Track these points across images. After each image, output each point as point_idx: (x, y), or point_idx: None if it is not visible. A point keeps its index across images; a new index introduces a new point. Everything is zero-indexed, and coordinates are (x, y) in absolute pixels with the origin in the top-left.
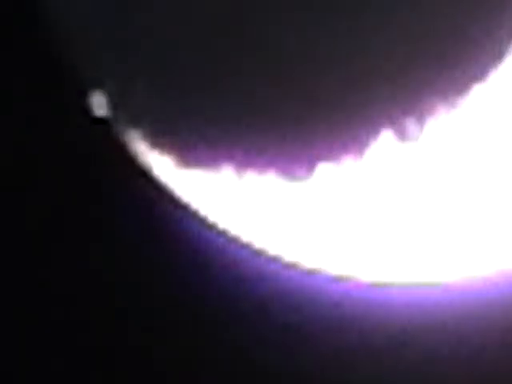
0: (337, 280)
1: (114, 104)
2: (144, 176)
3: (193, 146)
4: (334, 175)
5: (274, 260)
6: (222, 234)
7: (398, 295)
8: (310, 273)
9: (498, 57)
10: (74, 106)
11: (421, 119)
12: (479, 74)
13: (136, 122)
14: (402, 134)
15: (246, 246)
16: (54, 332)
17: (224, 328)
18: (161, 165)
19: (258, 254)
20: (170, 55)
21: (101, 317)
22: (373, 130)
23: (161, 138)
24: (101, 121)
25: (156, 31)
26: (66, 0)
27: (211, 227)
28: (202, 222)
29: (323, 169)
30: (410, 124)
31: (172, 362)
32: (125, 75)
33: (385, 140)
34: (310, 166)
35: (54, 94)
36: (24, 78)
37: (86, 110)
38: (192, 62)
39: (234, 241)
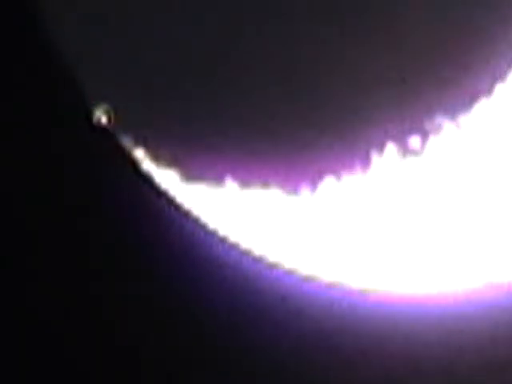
0: (332, 286)
1: (115, 112)
2: (145, 183)
3: (196, 157)
4: (336, 189)
5: (274, 266)
6: (222, 240)
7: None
8: (306, 279)
9: (504, 71)
10: (74, 111)
11: (424, 134)
12: (484, 89)
13: (138, 131)
14: (404, 149)
15: (246, 252)
16: (54, 333)
17: (224, 331)
18: (162, 173)
19: (258, 260)
20: (171, 61)
21: (100, 319)
22: (376, 144)
23: (163, 149)
24: (102, 128)
25: (156, 36)
26: (66, 6)
27: (211, 233)
28: (203, 228)
29: (326, 183)
30: (413, 139)
31: (172, 363)
32: (126, 84)
33: (388, 155)
34: (314, 180)
35: (55, 99)
36: (24, 81)
37: (87, 117)
38: (193, 69)
39: (233, 248)
